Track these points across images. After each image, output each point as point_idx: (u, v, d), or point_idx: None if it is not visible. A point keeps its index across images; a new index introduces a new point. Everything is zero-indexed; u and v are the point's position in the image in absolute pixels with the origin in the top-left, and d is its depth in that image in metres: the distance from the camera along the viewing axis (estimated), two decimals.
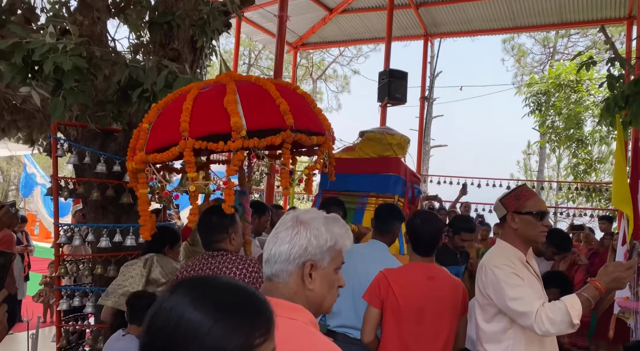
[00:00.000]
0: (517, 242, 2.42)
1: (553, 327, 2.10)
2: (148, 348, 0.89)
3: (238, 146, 2.55)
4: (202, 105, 2.69)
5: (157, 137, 2.72)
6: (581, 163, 13.67)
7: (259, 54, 23.30)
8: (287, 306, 1.32)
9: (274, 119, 2.65)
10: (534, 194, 2.49)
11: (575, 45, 19.74)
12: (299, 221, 1.37)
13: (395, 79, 9.30)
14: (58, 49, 2.87)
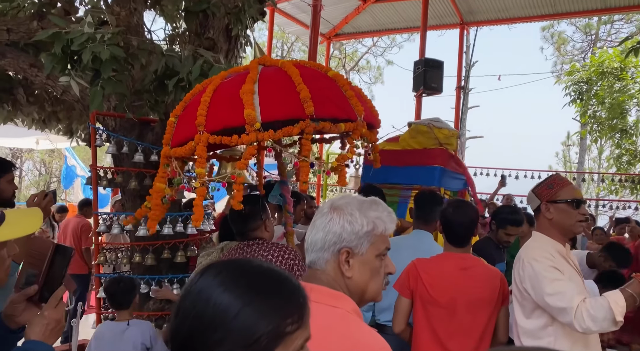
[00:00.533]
0: (554, 233, 2.33)
1: (594, 324, 2.01)
2: (176, 334, 0.85)
3: (252, 139, 2.43)
4: (221, 97, 2.62)
5: (180, 131, 2.70)
6: (625, 154, 13.17)
7: (291, 46, 23.30)
8: (329, 294, 1.27)
9: (292, 109, 2.51)
10: (568, 182, 2.40)
11: (618, 31, 19.04)
12: (333, 207, 1.33)
13: (430, 68, 9.15)
14: (96, 39, 2.89)
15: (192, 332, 0.82)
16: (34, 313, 1.50)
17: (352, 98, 2.69)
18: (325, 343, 1.19)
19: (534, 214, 2.46)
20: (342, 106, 2.65)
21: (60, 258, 1.56)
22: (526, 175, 11.33)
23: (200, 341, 0.81)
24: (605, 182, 12.39)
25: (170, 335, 0.87)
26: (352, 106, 2.67)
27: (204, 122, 2.50)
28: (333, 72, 2.81)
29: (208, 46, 3.65)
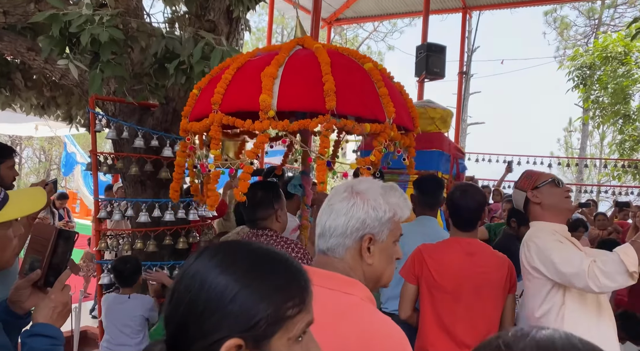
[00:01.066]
0: (549, 216, 2.34)
1: (610, 280, 1.98)
2: (171, 319, 0.81)
3: (264, 127, 2.30)
4: (242, 77, 2.47)
5: (199, 105, 2.60)
6: (628, 140, 13.09)
7: (291, 32, 23.10)
8: (344, 281, 1.24)
9: (312, 100, 2.35)
10: (541, 171, 2.49)
11: (622, 16, 18.80)
12: (354, 191, 1.27)
13: (433, 52, 9.04)
14: (95, 21, 2.82)
15: (187, 317, 0.78)
16: (40, 298, 1.49)
17: (384, 97, 2.49)
18: (340, 331, 1.16)
19: (524, 208, 2.46)
20: (370, 104, 2.46)
21: (64, 243, 1.55)
22: (528, 161, 11.29)
23: (196, 326, 0.77)
24: (607, 168, 12.34)
25: (164, 320, 0.82)
26: (382, 105, 2.47)
27: (220, 101, 2.39)
28: (370, 65, 2.59)
29: (209, 28, 3.58)
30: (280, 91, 2.33)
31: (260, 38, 21.83)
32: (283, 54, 2.47)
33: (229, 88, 2.43)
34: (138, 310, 3.26)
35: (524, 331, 0.55)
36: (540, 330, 0.55)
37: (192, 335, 0.78)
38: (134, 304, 3.27)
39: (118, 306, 3.27)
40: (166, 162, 3.72)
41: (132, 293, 3.34)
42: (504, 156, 11.17)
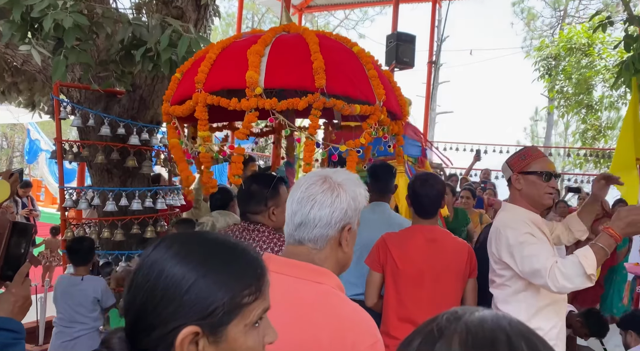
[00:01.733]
0: (524, 203, 2.33)
1: (568, 281, 2.02)
2: (130, 306, 0.82)
3: (251, 105, 2.22)
4: (228, 56, 2.40)
5: (181, 88, 2.53)
6: (590, 130, 13.49)
7: (262, 18, 22.88)
8: (314, 270, 1.27)
9: (300, 78, 2.27)
10: (542, 155, 2.38)
11: (586, 7, 19.21)
12: (335, 183, 1.30)
13: (403, 42, 9.07)
14: (58, 6, 2.76)
15: (146, 305, 0.80)
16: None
17: (374, 78, 2.45)
18: (311, 319, 1.19)
19: (507, 185, 2.44)
20: (360, 85, 2.40)
21: (19, 235, 1.51)
22: (495, 150, 11.50)
23: (153, 314, 0.79)
24: (570, 157, 12.70)
25: (124, 308, 0.84)
26: (372, 87, 2.43)
27: (204, 80, 2.30)
28: (358, 48, 2.58)
29: (176, 15, 3.53)
30: (268, 68, 2.26)
31: (230, 23, 21.54)
32: (270, 34, 2.42)
33: (213, 67, 2.36)
34: (90, 291, 3.29)
35: (457, 314, 0.57)
36: (473, 313, 0.57)
37: (150, 323, 0.79)
38: (87, 286, 3.30)
39: (72, 288, 3.30)
40: (133, 150, 3.68)
41: (86, 274, 3.35)
42: (471, 145, 11.37)
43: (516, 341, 0.54)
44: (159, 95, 3.80)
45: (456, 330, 0.54)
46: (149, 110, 3.80)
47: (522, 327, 0.56)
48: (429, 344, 0.55)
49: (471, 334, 0.54)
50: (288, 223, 1.33)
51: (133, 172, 3.80)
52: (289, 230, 1.32)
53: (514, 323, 0.56)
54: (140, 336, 0.81)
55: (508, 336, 0.54)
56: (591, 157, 12.36)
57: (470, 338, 0.54)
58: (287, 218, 1.33)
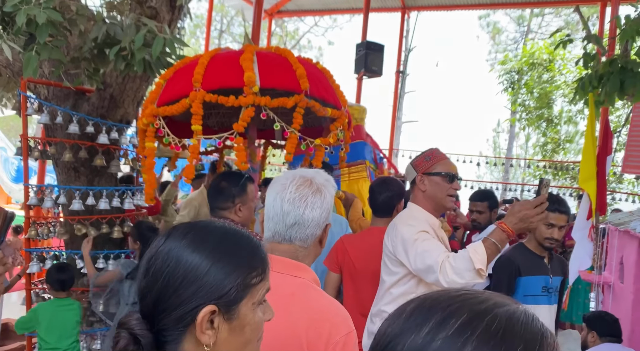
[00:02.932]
0: (426, 205, 2.32)
1: (458, 276, 1.97)
2: (147, 291, 0.90)
3: (249, 102, 2.55)
4: (219, 62, 2.76)
5: (170, 91, 2.80)
6: (550, 143, 13.97)
7: (231, 20, 22.79)
8: (292, 265, 1.35)
9: (289, 81, 2.67)
10: (445, 157, 2.39)
11: (548, 24, 19.94)
12: (321, 185, 1.40)
13: (372, 51, 9.25)
14: (31, 1, 2.73)
15: (167, 288, 0.88)
16: None
17: (337, 89, 2.89)
18: (289, 310, 1.26)
19: (411, 186, 2.43)
20: (331, 93, 2.84)
21: None
22: (458, 160, 11.77)
23: (175, 296, 0.88)
24: (530, 168, 13.11)
25: (139, 294, 0.91)
26: (338, 96, 2.86)
27: (201, 80, 2.60)
28: (320, 65, 3.02)
29: (150, 15, 3.52)
30: (260, 72, 2.62)
31: (199, 24, 21.37)
32: (250, 49, 2.80)
33: (207, 70, 2.69)
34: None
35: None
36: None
37: (171, 303, 0.88)
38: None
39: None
40: (101, 149, 3.64)
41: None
42: None
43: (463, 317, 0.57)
44: (129, 95, 3.78)
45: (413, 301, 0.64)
46: (119, 109, 3.77)
47: (480, 306, 0.58)
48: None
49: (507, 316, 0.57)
50: (277, 223, 1.38)
51: (101, 171, 3.76)
52: (278, 229, 1.38)
53: (474, 302, 0.59)
54: (160, 316, 0.89)
55: (446, 307, 0.59)
56: (550, 168, 12.79)
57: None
58: (276, 218, 1.38)
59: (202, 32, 20.60)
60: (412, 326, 0.59)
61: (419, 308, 0.61)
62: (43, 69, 3.71)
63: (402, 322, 0.61)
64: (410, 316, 0.61)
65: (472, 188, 11.44)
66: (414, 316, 0.60)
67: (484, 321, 0.56)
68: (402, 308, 0.64)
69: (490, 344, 0.54)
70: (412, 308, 0.62)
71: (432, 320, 0.58)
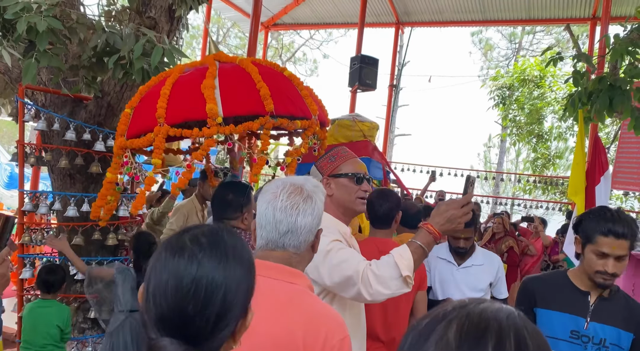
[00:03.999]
0: (335, 211, 2.11)
1: (383, 286, 1.73)
2: (197, 316, 0.89)
3: (213, 133, 2.53)
4: (181, 90, 2.70)
5: (137, 123, 2.78)
6: (540, 158, 14.12)
7: (227, 32, 22.91)
8: (288, 271, 1.37)
9: (252, 105, 2.61)
10: (352, 156, 2.20)
11: (539, 42, 20.25)
12: (310, 191, 1.43)
13: (366, 64, 9.34)
14: (32, 9, 2.77)
15: (223, 309, 0.91)
16: None
17: (307, 97, 2.85)
18: (286, 315, 1.29)
19: None
20: (299, 104, 2.80)
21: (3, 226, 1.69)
22: (450, 173, 11.85)
23: (229, 315, 0.92)
24: (520, 183, 13.23)
25: (181, 319, 0.89)
26: (307, 105, 2.83)
27: (164, 115, 2.56)
28: (288, 72, 2.98)
29: (149, 25, 3.57)
30: (223, 99, 2.56)
31: (195, 36, 21.47)
32: (212, 67, 2.73)
33: (170, 102, 2.63)
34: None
35: (464, 303, 0.66)
36: (479, 304, 0.65)
37: (227, 321, 0.92)
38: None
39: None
40: (97, 156, 3.67)
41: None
42: (427, 167, 11.69)
43: (505, 332, 0.59)
44: (126, 103, 3.81)
45: (457, 316, 0.62)
46: (116, 117, 3.80)
47: (518, 321, 0.62)
48: (433, 324, 0.63)
49: (469, 320, 0.61)
50: (270, 231, 1.38)
51: (96, 178, 3.78)
52: (271, 237, 1.39)
53: (512, 316, 0.63)
54: (216, 334, 0.91)
55: (500, 326, 0.60)
56: (540, 183, 12.91)
57: (466, 324, 0.61)
58: (269, 226, 1.39)
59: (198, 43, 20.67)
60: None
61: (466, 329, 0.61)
62: (41, 76, 3.74)
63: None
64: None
65: None
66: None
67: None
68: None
69: None
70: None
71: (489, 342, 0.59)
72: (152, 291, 0.90)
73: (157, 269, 0.92)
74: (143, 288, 0.93)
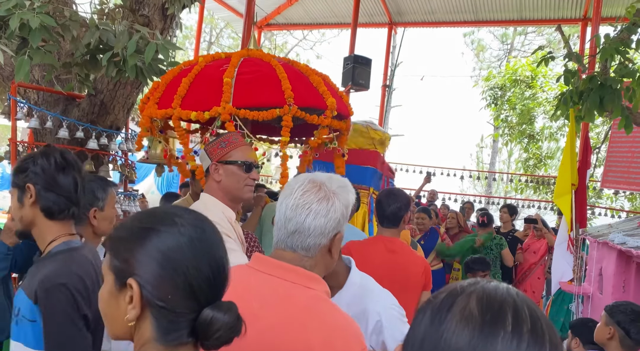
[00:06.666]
0: (222, 196, 2.10)
1: None
2: None
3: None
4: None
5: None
6: (531, 158, 14.21)
7: (220, 32, 22.88)
8: (305, 275, 1.28)
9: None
10: (243, 143, 2.19)
11: (531, 43, 20.36)
12: (330, 191, 1.31)
13: (359, 65, 9.35)
14: (25, 6, 2.76)
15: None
16: None
17: (323, 90, 3.16)
18: (303, 322, 1.21)
19: (205, 175, 2.21)
20: (315, 96, 3.15)
21: None
22: (442, 173, 11.90)
23: None
24: (512, 182, 13.31)
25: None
26: (323, 97, 3.12)
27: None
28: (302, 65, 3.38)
29: (142, 23, 3.56)
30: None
31: (188, 36, 21.43)
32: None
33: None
34: None
35: (477, 281, 0.74)
36: (490, 282, 0.73)
37: None
38: None
39: None
40: (90, 154, 3.66)
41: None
42: (420, 167, 11.74)
43: (519, 304, 0.68)
44: (120, 101, 3.81)
45: (475, 290, 0.71)
46: (109, 115, 3.80)
47: (527, 299, 0.71)
48: (452, 297, 0.71)
49: (486, 294, 0.69)
50: (280, 229, 1.31)
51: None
52: (280, 235, 1.31)
53: (521, 295, 0.72)
54: None
55: (514, 300, 0.69)
56: (531, 183, 13.00)
57: (484, 297, 0.69)
58: (279, 224, 1.31)
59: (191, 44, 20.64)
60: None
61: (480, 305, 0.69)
62: (34, 73, 3.73)
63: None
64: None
65: (456, 202, 11.57)
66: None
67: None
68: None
69: None
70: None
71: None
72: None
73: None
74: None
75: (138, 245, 0.95)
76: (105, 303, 0.99)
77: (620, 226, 4.79)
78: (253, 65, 3.10)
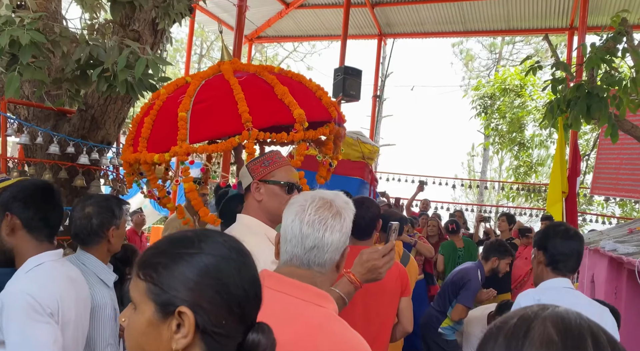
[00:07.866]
0: (263, 217, 2.06)
1: None
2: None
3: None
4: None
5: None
6: (522, 166, 14.31)
7: (211, 45, 22.95)
8: (316, 293, 1.29)
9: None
10: (286, 163, 2.14)
11: (519, 52, 20.62)
12: (340, 208, 1.35)
13: (350, 76, 9.41)
14: (15, 22, 2.77)
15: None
16: None
17: (322, 94, 3.29)
18: (317, 341, 1.21)
19: (245, 193, 2.16)
20: (319, 107, 3.24)
21: None
22: (434, 182, 11.96)
23: None
24: (504, 190, 13.38)
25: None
26: (326, 107, 3.22)
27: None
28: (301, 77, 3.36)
29: (133, 38, 3.58)
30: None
31: (178, 49, 21.48)
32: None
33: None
34: None
35: (544, 306, 0.73)
36: (556, 307, 0.72)
37: None
38: None
39: None
40: (82, 169, 3.65)
41: None
42: (412, 176, 11.78)
43: (595, 330, 0.68)
44: (110, 116, 3.80)
45: (548, 315, 0.70)
46: (100, 130, 3.79)
47: (598, 323, 0.70)
48: (526, 322, 0.70)
49: (560, 318, 0.69)
50: (296, 246, 1.31)
51: (80, 191, 3.75)
52: (297, 252, 1.31)
53: (589, 319, 0.71)
54: None
55: (589, 325, 0.68)
56: (522, 191, 13.08)
57: (560, 322, 0.68)
58: (294, 241, 1.31)
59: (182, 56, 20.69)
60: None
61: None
62: (24, 89, 3.72)
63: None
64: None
65: (448, 210, 11.61)
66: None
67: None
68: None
69: None
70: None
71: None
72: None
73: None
74: None
75: (187, 271, 0.91)
76: (141, 335, 0.93)
77: (611, 233, 4.83)
78: (211, 90, 2.91)
